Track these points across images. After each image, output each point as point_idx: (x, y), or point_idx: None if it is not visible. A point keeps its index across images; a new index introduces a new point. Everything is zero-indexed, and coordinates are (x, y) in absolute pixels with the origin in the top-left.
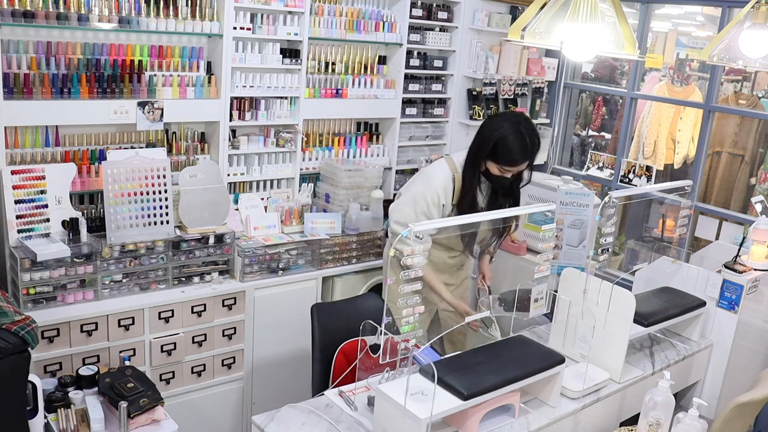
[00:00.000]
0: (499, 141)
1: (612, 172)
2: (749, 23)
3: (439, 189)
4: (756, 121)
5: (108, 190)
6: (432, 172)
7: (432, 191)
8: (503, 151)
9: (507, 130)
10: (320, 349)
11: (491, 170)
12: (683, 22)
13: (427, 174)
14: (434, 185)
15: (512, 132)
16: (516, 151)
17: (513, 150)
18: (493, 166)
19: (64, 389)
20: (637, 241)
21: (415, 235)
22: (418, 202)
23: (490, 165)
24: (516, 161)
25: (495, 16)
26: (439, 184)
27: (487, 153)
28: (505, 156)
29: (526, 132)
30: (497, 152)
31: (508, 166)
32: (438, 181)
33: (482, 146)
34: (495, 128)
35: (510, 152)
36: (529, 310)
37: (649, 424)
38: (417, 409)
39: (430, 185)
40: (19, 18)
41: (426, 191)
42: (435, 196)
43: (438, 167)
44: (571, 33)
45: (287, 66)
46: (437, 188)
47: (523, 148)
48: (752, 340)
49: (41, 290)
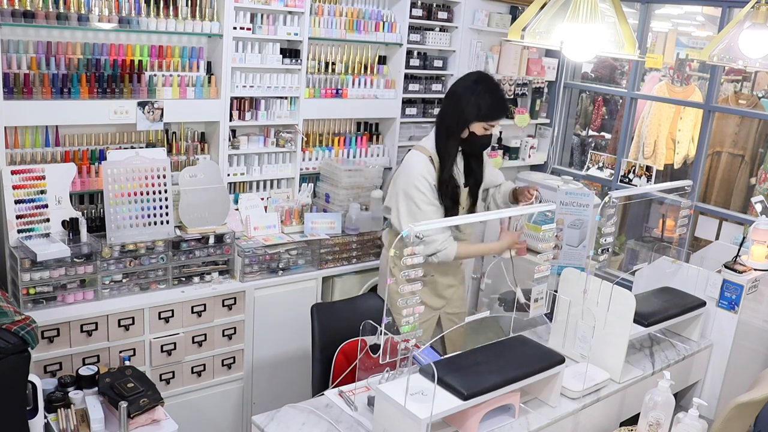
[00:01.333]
0: (480, 101)
1: (612, 172)
2: (749, 23)
3: (424, 173)
4: (756, 121)
5: (108, 190)
6: (408, 164)
7: (419, 178)
8: (489, 108)
9: (482, 88)
10: (320, 349)
11: (477, 132)
12: (683, 22)
13: (403, 169)
14: (418, 172)
15: (488, 89)
16: (499, 103)
17: (497, 103)
18: (479, 127)
19: (64, 389)
20: (637, 241)
21: (415, 235)
22: (413, 197)
23: (475, 127)
24: (502, 112)
25: (495, 16)
26: (422, 169)
27: (473, 116)
28: (491, 112)
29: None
30: (485, 110)
31: (494, 121)
32: (418, 168)
33: (464, 113)
34: (471, 91)
35: (494, 106)
36: (529, 310)
37: (649, 424)
38: (417, 409)
39: (413, 174)
40: (19, 18)
41: (414, 182)
42: (423, 181)
43: (410, 158)
44: (571, 33)
45: (287, 66)
46: (422, 172)
47: (502, 99)
48: (752, 340)
49: (41, 290)
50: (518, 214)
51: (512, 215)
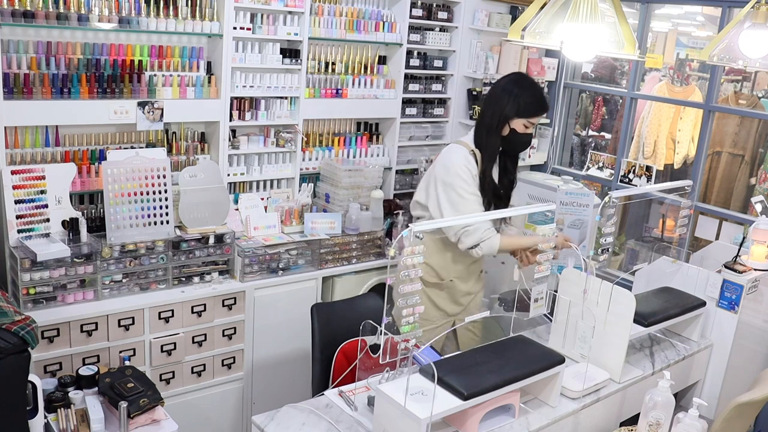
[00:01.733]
0: (520, 97)
1: (612, 172)
2: (749, 23)
3: (465, 162)
4: (756, 121)
5: (108, 190)
6: (447, 155)
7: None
8: (529, 105)
9: (522, 86)
10: (320, 349)
11: (518, 129)
12: (683, 22)
13: (442, 160)
14: (459, 162)
15: (528, 86)
16: (539, 100)
17: (537, 100)
18: (519, 124)
19: (64, 389)
20: (637, 241)
21: (415, 235)
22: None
23: (516, 124)
24: (543, 108)
25: (495, 16)
26: (463, 159)
27: (514, 113)
28: (531, 108)
29: (534, 82)
30: (524, 108)
31: (534, 117)
32: (459, 158)
33: (504, 110)
34: (510, 90)
35: (535, 103)
36: (529, 310)
37: (649, 424)
38: (417, 409)
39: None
40: (19, 18)
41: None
42: (465, 170)
43: (450, 150)
44: (571, 33)
45: (287, 66)
46: (463, 163)
47: (542, 96)
48: (752, 340)
49: (41, 290)
50: (518, 214)
51: (512, 215)
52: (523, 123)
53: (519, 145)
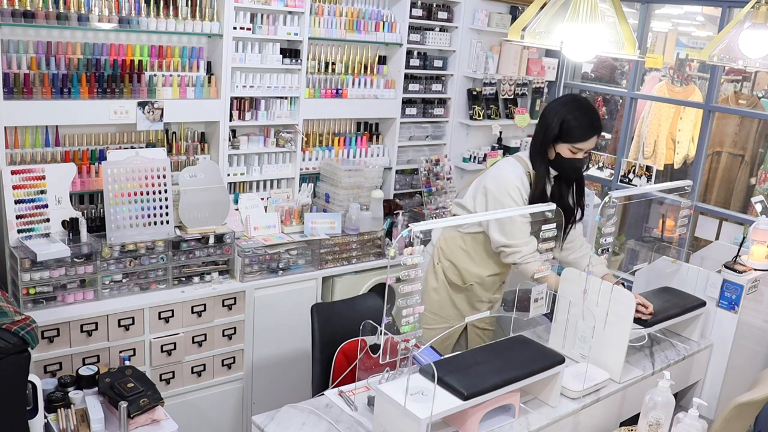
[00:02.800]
0: (564, 120)
1: (612, 172)
2: (749, 23)
3: (518, 183)
4: (756, 121)
5: (108, 190)
6: (503, 172)
7: (514, 188)
8: (572, 129)
9: (569, 107)
10: (320, 349)
11: (563, 154)
12: (683, 22)
13: (497, 174)
14: (512, 182)
15: (576, 108)
16: (585, 125)
17: (582, 125)
18: (564, 148)
19: (64, 389)
20: (637, 241)
21: (415, 235)
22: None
23: (561, 148)
24: (587, 134)
25: (495, 16)
26: (517, 180)
27: (556, 136)
28: (575, 133)
29: (588, 107)
30: (566, 132)
31: (579, 143)
32: (514, 177)
33: (548, 132)
34: (557, 111)
35: (580, 127)
36: (529, 310)
37: (649, 424)
38: (417, 409)
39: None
40: (19, 18)
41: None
42: (517, 191)
43: (507, 165)
44: (571, 33)
45: (287, 66)
46: (516, 183)
47: (590, 122)
48: (752, 340)
49: (41, 290)
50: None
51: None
52: (568, 148)
53: (568, 170)
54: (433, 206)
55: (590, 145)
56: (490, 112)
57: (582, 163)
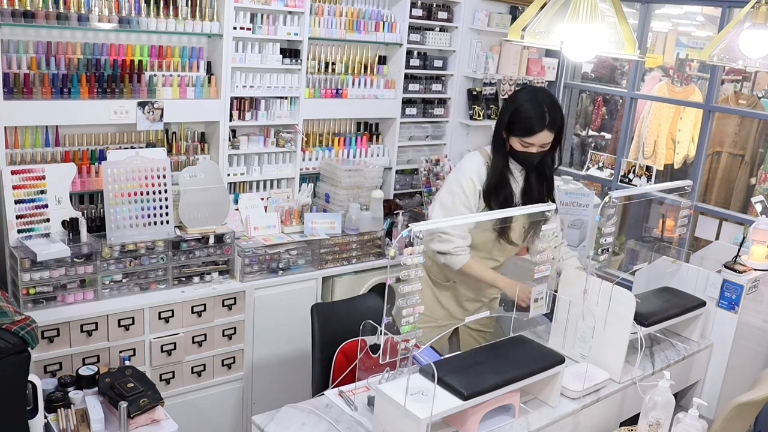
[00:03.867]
0: (514, 111)
1: (612, 172)
2: (749, 23)
3: (473, 175)
4: (756, 121)
5: (108, 190)
6: (464, 162)
7: (466, 178)
8: (519, 121)
9: (522, 99)
10: (320, 349)
11: (515, 147)
12: (683, 22)
13: (459, 166)
14: (468, 172)
15: (527, 101)
16: (532, 118)
17: (529, 117)
18: (516, 142)
19: (64, 389)
20: (637, 241)
21: (415, 235)
22: (455, 193)
23: (513, 141)
24: (533, 129)
25: (495, 16)
26: (473, 170)
27: (506, 126)
28: (521, 125)
29: (542, 100)
30: (515, 124)
31: (526, 137)
32: (472, 168)
33: (500, 121)
34: (511, 100)
35: (526, 120)
36: (529, 310)
37: (649, 424)
38: (417, 409)
39: (464, 174)
40: (19, 18)
41: (460, 180)
42: (470, 182)
43: (469, 157)
44: (571, 33)
45: (287, 66)
46: (471, 174)
47: (539, 116)
48: (752, 340)
49: (41, 290)
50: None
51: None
52: (519, 141)
53: (523, 164)
54: None
55: (541, 140)
56: (490, 112)
57: (535, 158)
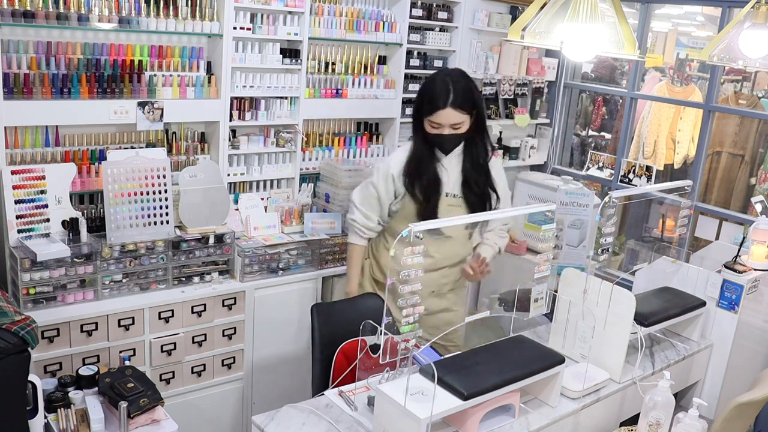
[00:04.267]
0: (422, 91)
1: (612, 172)
2: (749, 23)
3: (392, 161)
4: (756, 121)
5: (108, 190)
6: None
7: (385, 164)
8: (425, 100)
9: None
10: (320, 349)
11: (427, 130)
12: (683, 22)
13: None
14: (388, 159)
15: (435, 79)
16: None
17: (433, 95)
18: (426, 124)
19: (64, 389)
20: (637, 241)
21: (415, 235)
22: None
23: (426, 124)
24: (437, 106)
25: (495, 16)
26: (394, 157)
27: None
28: (427, 104)
29: (450, 79)
30: (423, 104)
31: (432, 116)
32: (394, 155)
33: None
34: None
35: (430, 99)
36: (529, 310)
37: (649, 424)
38: (417, 409)
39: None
40: (19, 18)
41: (379, 165)
42: (386, 167)
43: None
44: (571, 33)
45: (287, 66)
46: (390, 160)
47: (443, 93)
48: (752, 340)
49: (41, 290)
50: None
51: (513, 215)
52: (428, 123)
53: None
54: None
55: (449, 119)
56: (490, 112)
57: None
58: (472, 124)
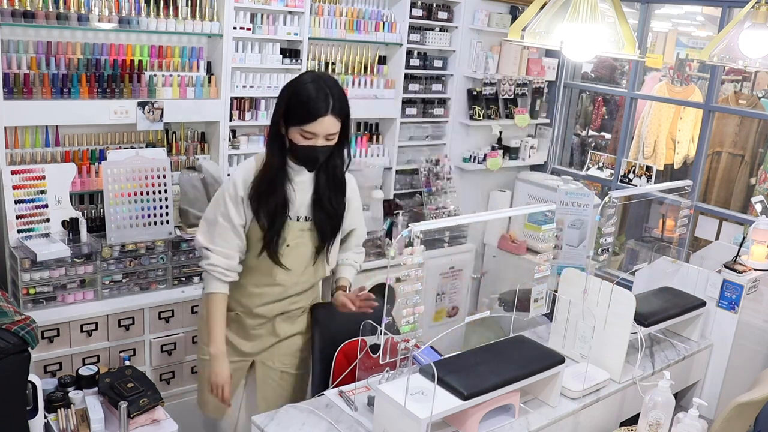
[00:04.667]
0: (293, 96)
1: (612, 172)
2: (749, 23)
3: (238, 180)
4: (756, 121)
5: (108, 190)
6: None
7: (230, 185)
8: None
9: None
10: (320, 349)
11: (296, 141)
12: (683, 22)
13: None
14: (233, 179)
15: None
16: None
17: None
18: (296, 133)
19: (64, 389)
20: (637, 241)
21: (415, 235)
22: (217, 203)
23: (293, 134)
24: (317, 112)
25: (495, 16)
26: (239, 176)
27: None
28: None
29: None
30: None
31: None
32: (239, 174)
33: (277, 111)
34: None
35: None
36: (529, 310)
37: (649, 424)
38: (417, 409)
39: (230, 181)
40: (19, 18)
41: (225, 188)
42: (232, 188)
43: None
44: (571, 33)
45: (287, 66)
46: (236, 179)
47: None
48: (752, 340)
49: (41, 290)
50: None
51: (512, 215)
52: (299, 132)
53: (305, 163)
54: (433, 206)
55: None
56: (490, 112)
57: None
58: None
